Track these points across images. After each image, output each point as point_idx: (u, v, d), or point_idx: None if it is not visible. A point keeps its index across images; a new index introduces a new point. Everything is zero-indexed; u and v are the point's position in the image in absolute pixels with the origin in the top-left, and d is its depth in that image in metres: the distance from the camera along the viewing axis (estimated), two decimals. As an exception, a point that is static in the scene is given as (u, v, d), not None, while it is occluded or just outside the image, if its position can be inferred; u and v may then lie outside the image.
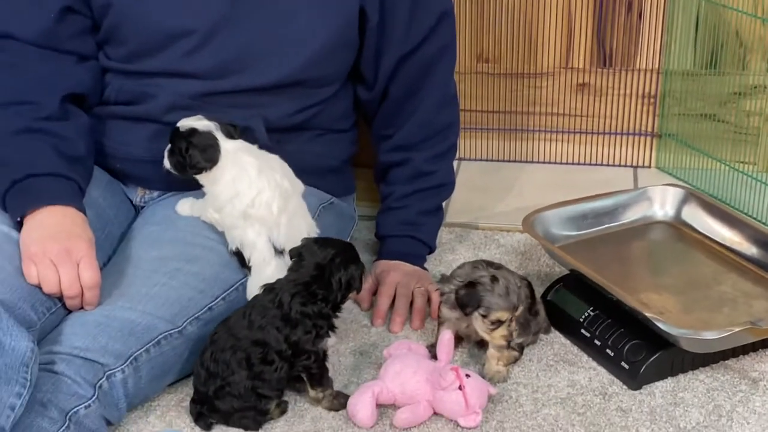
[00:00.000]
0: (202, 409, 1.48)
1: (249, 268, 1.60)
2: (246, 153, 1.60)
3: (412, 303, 1.76)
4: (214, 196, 1.61)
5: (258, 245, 1.58)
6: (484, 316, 1.55)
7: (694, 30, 2.15)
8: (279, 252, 1.58)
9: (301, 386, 1.52)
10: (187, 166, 1.59)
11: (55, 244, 1.47)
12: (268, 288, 1.50)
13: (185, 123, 1.60)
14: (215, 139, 1.59)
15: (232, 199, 1.58)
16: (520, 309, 1.56)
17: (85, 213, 1.56)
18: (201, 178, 1.61)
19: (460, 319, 1.60)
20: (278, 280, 1.51)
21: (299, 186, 1.64)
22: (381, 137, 1.88)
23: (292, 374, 1.49)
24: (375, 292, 1.79)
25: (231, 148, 1.59)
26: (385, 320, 1.75)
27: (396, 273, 1.78)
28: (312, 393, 1.51)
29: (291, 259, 1.52)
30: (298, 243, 1.53)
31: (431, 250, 1.87)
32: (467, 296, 1.55)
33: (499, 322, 1.55)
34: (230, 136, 1.61)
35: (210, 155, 1.58)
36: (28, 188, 1.53)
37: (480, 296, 1.54)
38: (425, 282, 1.77)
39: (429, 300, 1.76)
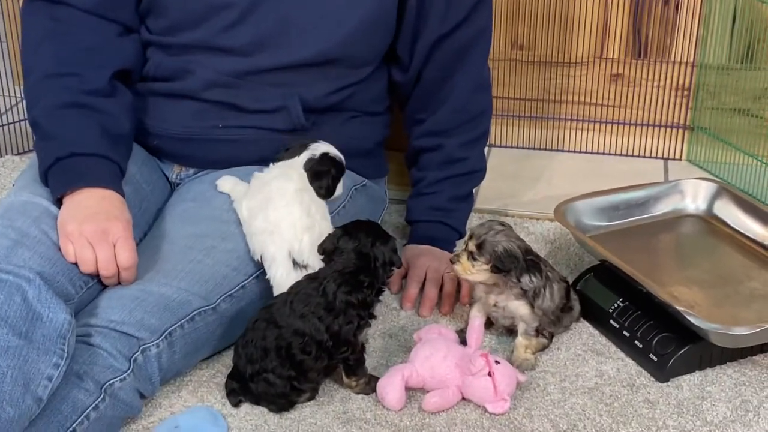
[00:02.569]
0: (235, 387, 1.50)
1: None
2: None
3: (441, 288, 1.77)
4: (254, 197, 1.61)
5: (278, 258, 1.56)
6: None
7: (731, 24, 2.14)
8: (300, 266, 1.56)
9: (336, 373, 1.54)
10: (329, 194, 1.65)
11: (92, 224, 1.49)
12: (312, 276, 1.50)
13: (333, 151, 1.66)
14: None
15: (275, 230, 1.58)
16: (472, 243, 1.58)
17: (123, 195, 1.57)
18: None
19: (488, 293, 1.61)
20: (321, 269, 1.51)
21: (325, 212, 1.64)
22: (414, 122, 1.89)
23: (330, 364, 1.50)
24: (404, 276, 1.80)
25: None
26: (415, 304, 1.76)
27: (426, 258, 1.80)
28: (346, 380, 1.52)
29: (323, 254, 1.53)
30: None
31: (461, 235, 1.88)
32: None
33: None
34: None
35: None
36: (71, 167, 1.55)
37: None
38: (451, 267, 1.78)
39: (458, 285, 1.77)
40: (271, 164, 1.65)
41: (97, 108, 1.60)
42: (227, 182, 1.67)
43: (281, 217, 1.56)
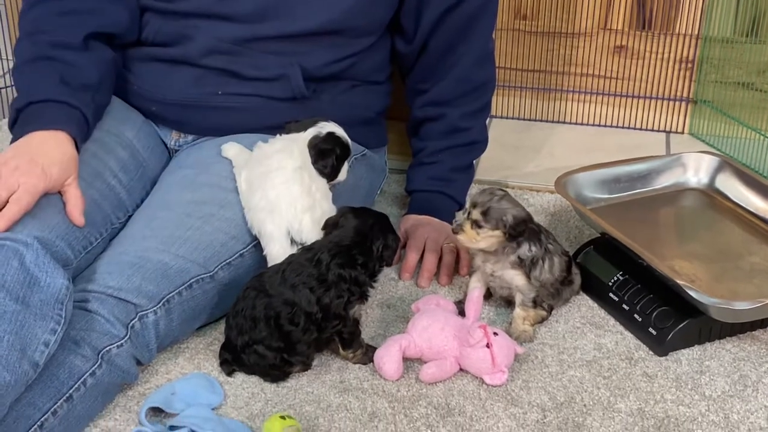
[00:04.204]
0: (228, 357, 1.49)
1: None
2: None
3: (440, 259, 1.76)
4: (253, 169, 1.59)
5: (275, 236, 1.54)
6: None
7: (736, -3, 2.13)
8: (298, 244, 1.53)
9: (332, 344, 1.53)
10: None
11: (25, 157, 1.44)
12: (307, 247, 1.49)
13: (339, 131, 1.63)
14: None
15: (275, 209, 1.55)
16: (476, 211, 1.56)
17: (82, 139, 1.54)
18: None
19: (485, 262, 1.60)
20: (317, 241, 1.50)
21: (326, 191, 1.62)
22: (416, 92, 1.87)
23: (322, 337, 1.48)
24: (404, 246, 1.79)
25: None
26: (413, 274, 1.75)
27: (425, 228, 1.79)
28: (342, 353, 1.52)
29: (324, 228, 1.52)
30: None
31: (461, 206, 1.87)
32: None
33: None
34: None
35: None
36: (28, 115, 1.53)
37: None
38: (454, 238, 1.77)
39: (457, 257, 1.76)
40: (277, 135, 1.63)
41: (60, 59, 1.58)
42: (232, 148, 1.65)
43: (280, 196, 1.54)
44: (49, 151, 1.47)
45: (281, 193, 1.54)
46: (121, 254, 1.50)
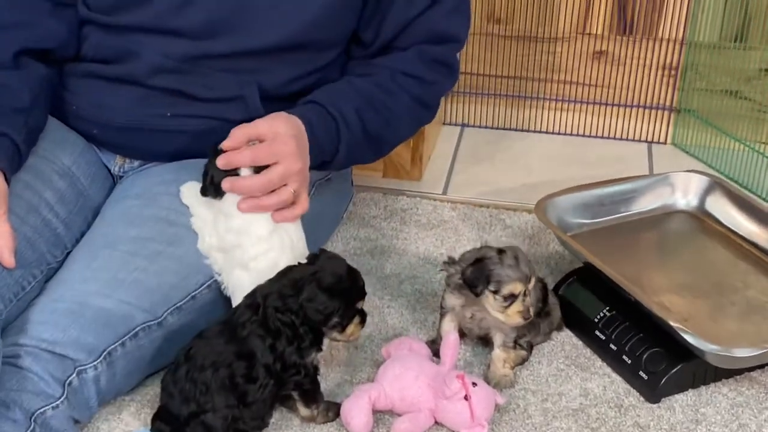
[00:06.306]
0: (165, 429, 1.31)
1: None
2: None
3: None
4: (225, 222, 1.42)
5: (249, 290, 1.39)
6: (495, 292, 1.41)
7: (723, 0, 2.00)
8: None
9: (290, 403, 1.39)
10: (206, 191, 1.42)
11: None
12: (250, 293, 1.35)
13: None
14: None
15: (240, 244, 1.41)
16: (533, 280, 1.43)
17: (13, 170, 1.39)
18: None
19: (466, 306, 1.47)
20: (259, 285, 1.35)
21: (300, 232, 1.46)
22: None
23: (280, 394, 1.34)
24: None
25: None
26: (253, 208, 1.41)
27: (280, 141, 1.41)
28: (305, 412, 1.37)
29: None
30: None
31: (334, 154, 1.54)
32: (475, 272, 1.41)
33: (512, 297, 1.41)
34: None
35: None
36: None
37: (489, 270, 1.41)
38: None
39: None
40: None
41: None
42: (191, 191, 1.47)
43: (266, 266, 1.38)
44: None
45: (264, 263, 1.38)
46: (57, 301, 1.35)
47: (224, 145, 1.38)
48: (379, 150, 1.63)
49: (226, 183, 1.38)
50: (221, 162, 1.37)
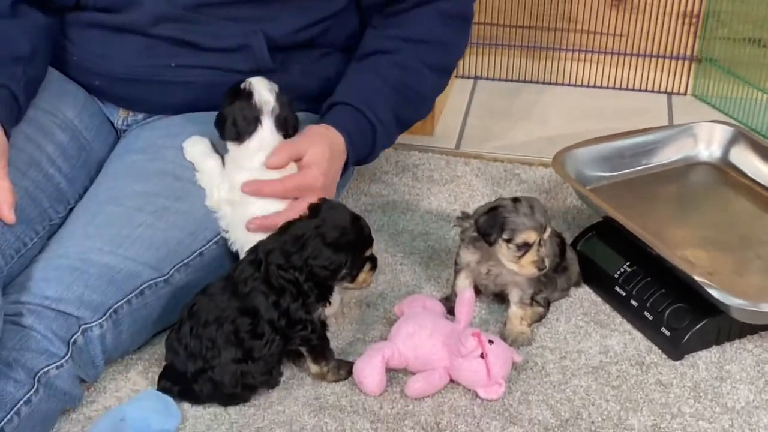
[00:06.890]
0: (170, 387, 1.29)
1: None
2: None
3: None
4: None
5: None
6: (508, 241, 1.36)
7: (747, -57, 1.94)
8: None
9: (301, 360, 1.35)
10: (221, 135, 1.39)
11: None
12: (252, 248, 1.31)
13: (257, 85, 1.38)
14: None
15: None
16: (548, 230, 1.38)
17: (12, 121, 1.35)
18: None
19: (481, 261, 1.42)
20: (261, 241, 1.31)
21: None
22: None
23: (287, 348, 1.31)
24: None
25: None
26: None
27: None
28: (315, 368, 1.33)
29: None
30: None
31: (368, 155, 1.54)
32: (489, 220, 1.37)
33: (526, 245, 1.36)
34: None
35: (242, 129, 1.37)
36: None
37: (503, 218, 1.36)
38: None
39: None
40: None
41: None
42: (195, 147, 1.43)
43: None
44: None
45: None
46: (61, 257, 1.31)
47: (269, 163, 1.36)
48: (405, 129, 1.60)
49: (248, 186, 1.36)
50: (253, 225, 1.36)
